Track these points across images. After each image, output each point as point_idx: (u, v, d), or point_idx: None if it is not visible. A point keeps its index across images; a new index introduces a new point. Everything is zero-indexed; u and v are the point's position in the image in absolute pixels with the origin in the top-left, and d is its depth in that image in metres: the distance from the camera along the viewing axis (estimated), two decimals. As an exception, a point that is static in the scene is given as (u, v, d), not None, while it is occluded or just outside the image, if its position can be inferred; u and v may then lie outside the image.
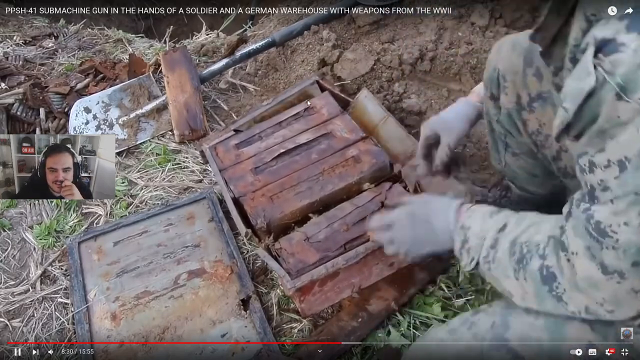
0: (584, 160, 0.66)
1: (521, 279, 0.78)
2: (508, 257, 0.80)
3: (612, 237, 0.64)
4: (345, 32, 2.00)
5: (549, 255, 0.75)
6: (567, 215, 0.72)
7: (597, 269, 0.67)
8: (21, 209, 1.71)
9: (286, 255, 1.21)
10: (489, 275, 0.85)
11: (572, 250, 0.70)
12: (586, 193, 0.68)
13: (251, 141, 1.58)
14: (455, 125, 1.18)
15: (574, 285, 0.71)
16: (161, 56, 2.05)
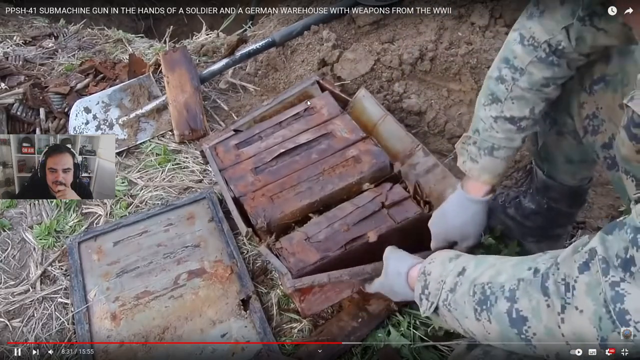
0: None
1: (483, 319, 0.76)
2: (467, 297, 0.79)
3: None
4: (345, 32, 2.00)
5: (519, 299, 0.72)
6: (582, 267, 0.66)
7: (596, 337, 0.64)
8: (21, 209, 1.71)
9: (287, 254, 1.21)
10: (450, 318, 0.84)
11: (577, 305, 0.65)
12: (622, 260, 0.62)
13: (251, 141, 1.58)
14: (470, 230, 1.09)
15: (550, 332, 0.68)
16: (161, 56, 2.05)
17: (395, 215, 1.25)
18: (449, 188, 1.35)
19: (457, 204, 1.09)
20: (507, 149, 1.03)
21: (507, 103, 0.99)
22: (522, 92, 0.98)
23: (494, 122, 1.02)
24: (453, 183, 1.34)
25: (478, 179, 1.06)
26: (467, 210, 1.08)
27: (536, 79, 0.96)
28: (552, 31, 0.91)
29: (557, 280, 0.69)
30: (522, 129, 1.02)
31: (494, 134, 1.02)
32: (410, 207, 1.26)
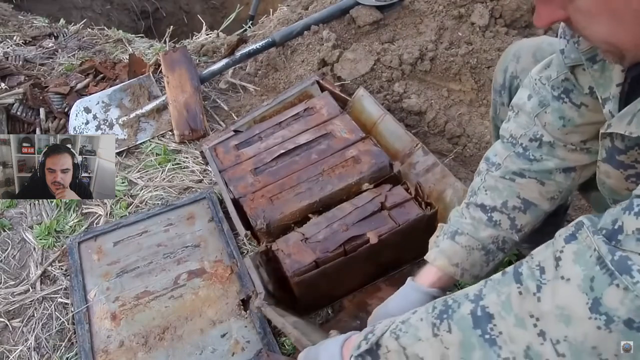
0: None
1: (442, 332, 0.68)
2: (425, 315, 0.72)
3: (634, 277, 0.56)
4: (345, 32, 2.00)
5: (486, 295, 0.67)
6: (569, 237, 0.63)
7: (585, 303, 0.59)
8: (21, 209, 1.71)
9: (283, 256, 1.21)
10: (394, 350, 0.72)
11: (563, 274, 0.61)
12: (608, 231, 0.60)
13: (251, 142, 1.59)
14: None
15: (520, 321, 0.63)
16: (161, 56, 2.05)
17: (396, 216, 1.24)
18: (449, 188, 1.35)
19: (402, 292, 1.00)
20: (470, 238, 0.97)
21: (480, 193, 0.98)
22: (495, 182, 0.97)
23: (464, 209, 1.00)
24: (452, 182, 1.34)
25: (433, 262, 0.99)
26: (407, 297, 0.98)
27: (510, 169, 0.96)
28: (527, 125, 0.94)
29: (531, 266, 0.65)
30: (495, 224, 0.97)
31: (461, 220, 0.99)
32: (411, 209, 1.25)
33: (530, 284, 0.63)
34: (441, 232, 1.02)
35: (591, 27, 0.63)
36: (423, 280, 0.98)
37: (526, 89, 0.96)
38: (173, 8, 4.15)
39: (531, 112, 0.94)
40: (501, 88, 1.07)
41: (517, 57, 1.01)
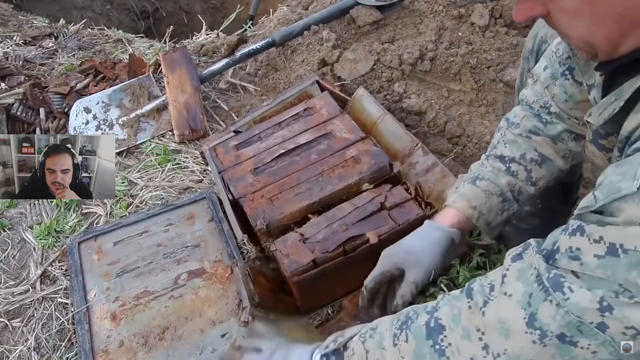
0: (574, 223, 0.63)
1: (401, 342, 0.72)
2: (390, 325, 0.76)
3: (565, 294, 0.60)
4: (345, 32, 2.00)
5: (441, 308, 0.71)
6: (515, 257, 0.68)
7: (522, 318, 0.62)
8: (21, 209, 1.71)
9: (280, 256, 1.21)
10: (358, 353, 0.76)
11: (506, 291, 0.65)
12: (547, 251, 0.65)
13: (251, 142, 1.58)
14: (425, 258, 0.99)
15: (467, 333, 0.67)
16: (161, 56, 2.05)
17: (396, 216, 1.24)
18: (449, 188, 1.35)
19: (420, 231, 1.04)
20: (490, 183, 1.01)
21: (500, 146, 1.05)
22: (514, 137, 1.03)
23: (485, 160, 1.06)
24: (452, 182, 1.34)
25: (452, 205, 1.03)
26: (426, 236, 1.02)
27: (527, 126, 1.02)
28: (540, 94, 1.00)
29: (483, 284, 0.69)
30: (512, 173, 1.01)
31: (482, 169, 1.05)
32: (411, 209, 1.25)
33: (479, 299, 0.67)
34: (461, 181, 1.07)
35: (571, 26, 0.66)
36: (441, 220, 1.02)
37: (545, 58, 1.00)
38: (173, 8, 4.15)
39: (544, 82, 0.99)
40: (529, 54, 1.05)
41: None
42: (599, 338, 0.59)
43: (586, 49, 0.69)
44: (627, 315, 0.58)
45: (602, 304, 0.58)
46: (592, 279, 0.59)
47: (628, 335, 0.59)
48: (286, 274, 1.18)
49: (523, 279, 0.64)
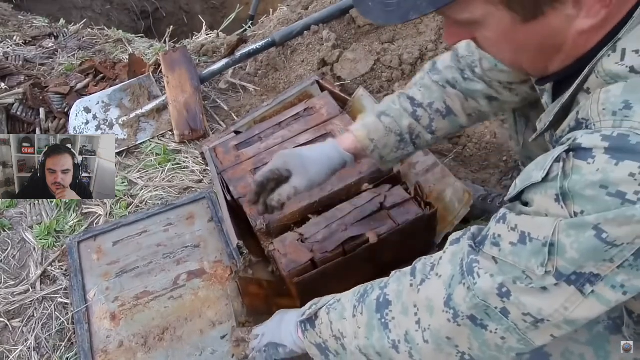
0: (503, 210, 0.67)
1: (357, 313, 0.80)
2: (351, 296, 0.84)
3: (474, 278, 0.65)
4: (345, 32, 2.00)
5: (390, 284, 0.78)
6: (454, 241, 0.73)
7: (442, 297, 0.69)
8: (21, 209, 1.71)
9: (279, 256, 1.21)
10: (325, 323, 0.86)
11: (437, 272, 0.72)
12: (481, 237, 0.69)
13: (251, 142, 1.58)
14: (313, 168, 1.03)
15: (405, 309, 0.73)
16: (161, 56, 2.05)
17: (396, 216, 1.24)
18: (449, 187, 1.35)
19: (320, 144, 1.10)
20: (393, 121, 1.05)
21: (415, 87, 1.07)
22: (431, 83, 1.06)
23: (397, 97, 1.08)
24: (452, 182, 1.34)
25: (354, 131, 1.07)
26: (323, 151, 1.06)
27: (446, 77, 1.05)
28: (471, 50, 1.02)
29: (425, 263, 0.76)
30: (416, 117, 1.05)
31: (390, 105, 1.08)
32: (411, 209, 1.25)
33: (419, 277, 0.74)
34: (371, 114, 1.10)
35: (498, 53, 0.71)
36: (341, 143, 1.07)
37: None
38: (173, 8, 4.15)
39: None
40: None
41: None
42: (504, 323, 0.64)
43: (518, 70, 0.74)
44: (523, 302, 0.62)
45: (502, 290, 0.63)
46: (505, 265, 0.63)
47: (528, 322, 0.63)
48: (284, 273, 1.18)
49: (453, 261, 0.70)
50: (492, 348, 0.66)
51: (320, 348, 0.88)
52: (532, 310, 0.61)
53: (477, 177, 1.64)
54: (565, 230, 0.57)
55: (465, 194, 1.30)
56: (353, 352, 0.81)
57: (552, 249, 0.58)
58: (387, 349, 0.75)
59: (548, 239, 0.58)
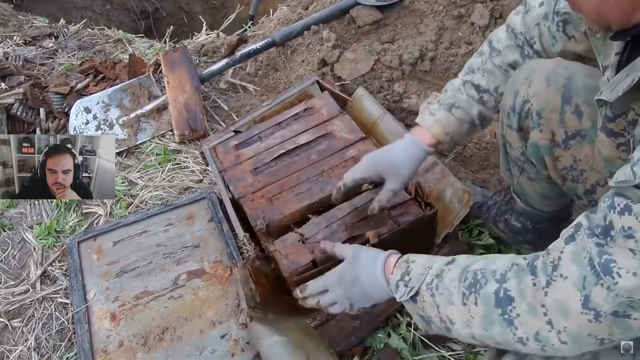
0: (620, 201, 0.65)
1: (470, 303, 0.78)
2: (457, 282, 0.80)
3: (614, 278, 0.64)
4: (345, 32, 2.00)
5: (510, 279, 0.75)
6: (569, 239, 0.71)
7: (579, 299, 0.67)
8: (21, 209, 1.71)
9: (280, 257, 1.21)
10: (429, 303, 0.83)
11: (562, 273, 0.70)
12: (602, 227, 0.67)
13: (251, 142, 1.58)
14: (404, 171, 1.10)
15: (532, 309, 0.71)
16: (161, 56, 2.05)
17: (396, 217, 1.24)
18: (449, 187, 1.35)
19: (401, 144, 1.13)
20: (464, 112, 1.11)
21: (478, 73, 1.11)
22: (493, 68, 1.10)
23: (462, 85, 1.13)
24: (452, 182, 1.34)
25: (429, 128, 1.12)
26: (408, 150, 1.11)
27: (508, 59, 1.08)
28: (529, 26, 1.05)
29: (545, 262, 0.73)
30: (483, 102, 1.11)
31: (458, 95, 1.12)
32: (411, 209, 1.25)
33: (542, 278, 0.71)
34: (436, 102, 1.14)
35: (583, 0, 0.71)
36: (421, 138, 1.12)
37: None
38: (173, 8, 4.15)
39: (535, 18, 1.04)
40: (510, 110, 1.06)
41: (529, 81, 1.00)
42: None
43: (598, 21, 0.72)
44: None
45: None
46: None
47: None
48: (285, 274, 1.18)
49: (577, 261, 0.68)
50: (636, 330, 0.66)
51: (423, 318, 0.87)
52: None
53: (477, 177, 1.64)
54: None
55: (465, 194, 1.30)
56: (463, 336, 0.80)
57: None
58: (512, 342, 0.75)
59: None
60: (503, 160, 1.22)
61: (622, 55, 0.78)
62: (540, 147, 1.03)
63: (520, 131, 1.07)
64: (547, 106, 0.98)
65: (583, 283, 0.67)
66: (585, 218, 0.71)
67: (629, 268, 0.63)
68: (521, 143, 1.09)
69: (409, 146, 1.12)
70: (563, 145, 1.00)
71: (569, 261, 0.69)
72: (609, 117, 0.81)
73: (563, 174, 1.04)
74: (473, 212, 1.42)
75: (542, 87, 0.98)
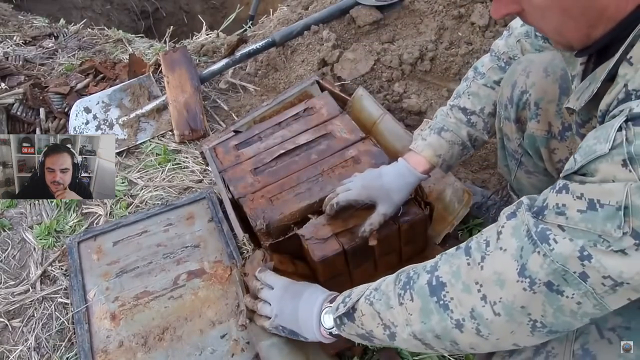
0: (561, 182, 0.69)
1: (406, 301, 0.79)
2: (393, 286, 0.83)
3: (550, 245, 0.66)
4: (345, 32, 2.00)
5: (440, 267, 0.78)
6: (510, 215, 0.73)
7: (515, 268, 0.69)
8: (21, 209, 1.71)
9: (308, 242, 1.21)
10: (368, 315, 0.85)
11: (502, 246, 0.71)
12: (538, 207, 0.71)
13: (251, 142, 1.58)
14: (396, 197, 1.14)
15: (467, 287, 0.73)
16: (161, 56, 2.05)
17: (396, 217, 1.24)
18: (449, 187, 1.35)
19: (395, 170, 1.16)
20: (453, 134, 1.14)
21: (464, 97, 1.16)
22: (478, 89, 1.14)
23: (449, 110, 1.17)
24: (452, 182, 1.34)
25: (421, 152, 1.15)
26: (402, 177, 1.15)
27: (492, 78, 1.14)
28: (511, 46, 1.11)
29: (479, 241, 0.75)
30: (472, 124, 1.15)
31: (447, 119, 1.17)
32: (411, 210, 1.25)
33: (476, 255, 0.74)
34: (427, 127, 1.19)
35: (544, 20, 0.73)
36: (414, 164, 1.15)
37: None
38: (173, 8, 4.15)
39: (517, 36, 1.11)
40: (507, 102, 1.07)
41: (528, 72, 1.02)
42: (582, 288, 0.65)
43: (561, 42, 0.76)
44: (604, 265, 0.63)
45: (583, 253, 0.64)
46: (576, 231, 0.65)
47: (607, 286, 0.63)
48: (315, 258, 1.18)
49: (516, 234, 0.70)
50: (567, 314, 0.67)
51: (363, 337, 0.89)
52: (612, 273, 0.62)
53: (477, 177, 1.64)
54: (637, 192, 0.59)
55: (465, 194, 1.30)
56: (405, 339, 0.81)
57: (626, 211, 0.60)
58: (450, 329, 0.75)
59: (621, 202, 0.60)
60: (501, 155, 1.23)
61: (587, 65, 0.81)
62: (537, 139, 1.05)
63: (517, 122, 1.08)
64: (545, 97, 0.99)
65: (520, 253, 0.69)
66: (526, 198, 0.74)
67: (563, 235, 0.66)
68: (518, 135, 1.11)
69: (403, 173, 1.15)
70: (559, 137, 1.02)
71: (509, 235, 0.71)
72: (578, 124, 0.84)
73: (558, 166, 1.06)
74: (472, 212, 1.42)
75: (540, 78, 1.00)
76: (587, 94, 0.74)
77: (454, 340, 0.76)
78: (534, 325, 0.69)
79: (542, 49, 1.06)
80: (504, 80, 1.08)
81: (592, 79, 0.74)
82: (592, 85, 0.73)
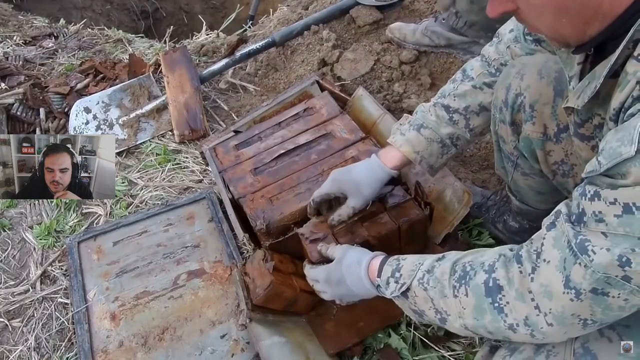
0: (590, 188, 0.69)
1: (461, 295, 0.81)
2: (448, 276, 0.84)
3: (590, 256, 0.67)
4: (345, 32, 2.00)
5: (498, 269, 0.79)
6: (549, 226, 0.75)
7: (560, 280, 0.71)
8: (21, 209, 1.71)
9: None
10: (422, 298, 0.87)
11: (545, 258, 0.73)
12: (576, 215, 0.71)
13: (251, 142, 1.58)
14: (366, 191, 1.15)
15: (521, 296, 0.75)
16: (161, 56, 2.05)
17: (396, 217, 1.24)
18: (449, 187, 1.35)
19: (367, 165, 1.17)
20: (432, 132, 1.14)
21: (449, 97, 1.15)
22: (465, 91, 1.13)
23: (432, 107, 1.16)
24: (452, 182, 1.34)
25: (399, 148, 1.15)
26: (372, 172, 1.15)
27: (482, 81, 1.13)
28: (501, 52, 1.11)
29: (529, 250, 0.77)
30: (453, 122, 1.14)
31: (427, 116, 1.15)
32: (411, 210, 1.25)
33: (527, 266, 0.75)
34: (406, 122, 1.18)
35: (539, 19, 0.73)
36: (387, 161, 1.15)
37: (512, 21, 1.10)
38: (173, 8, 4.15)
39: (507, 42, 1.10)
40: (502, 105, 1.07)
41: (522, 75, 1.01)
42: (626, 287, 0.66)
43: (557, 39, 0.76)
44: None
45: (622, 260, 0.65)
46: (617, 237, 0.65)
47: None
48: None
49: (558, 245, 0.72)
50: (615, 309, 0.69)
51: (415, 312, 0.90)
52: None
53: (477, 177, 1.64)
54: None
55: (465, 194, 1.30)
56: (457, 328, 0.83)
57: None
58: (503, 329, 0.78)
59: None
60: (497, 158, 1.23)
61: (584, 65, 0.81)
62: (533, 141, 1.05)
63: (512, 125, 1.08)
64: (540, 99, 0.99)
65: (564, 265, 0.70)
66: (564, 205, 0.74)
67: (602, 245, 0.66)
68: (514, 137, 1.10)
69: (374, 168, 1.16)
70: (555, 139, 1.02)
71: (551, 246, 0.73)
72: (577, 123, 0.85)
73: (554, 168, 1.06)
74: (472, 212, 1.42)
75: (534, 80, 1.00)
76: (588, 92, 0.74)
77: (507, 337, 0.79)
78: (585, 323, 0.72)
79: (533, 52, 1.06)
80: (498, 83, 1.07)
81: (592, 77, 0.74)
82: (593, 83, 0.72)
